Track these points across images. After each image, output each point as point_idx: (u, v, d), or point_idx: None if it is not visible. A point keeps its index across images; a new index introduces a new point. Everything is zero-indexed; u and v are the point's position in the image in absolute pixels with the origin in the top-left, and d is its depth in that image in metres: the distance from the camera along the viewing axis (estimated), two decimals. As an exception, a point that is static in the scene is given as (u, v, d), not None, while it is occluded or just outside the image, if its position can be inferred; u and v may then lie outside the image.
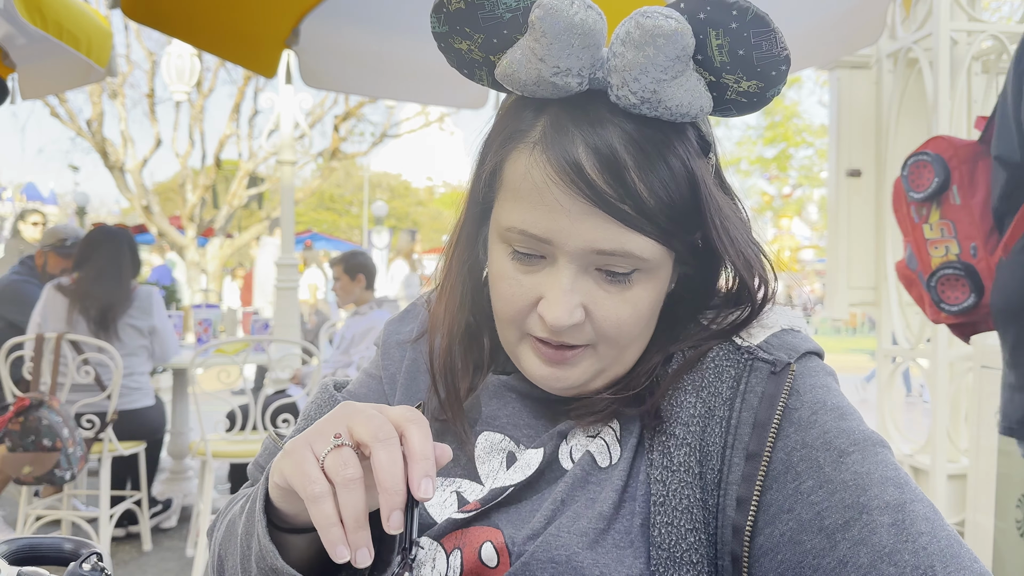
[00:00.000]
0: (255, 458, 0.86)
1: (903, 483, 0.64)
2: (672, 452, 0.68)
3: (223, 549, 0.74)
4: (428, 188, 41.19)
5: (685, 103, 0.64)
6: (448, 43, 0.69)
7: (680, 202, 0.67)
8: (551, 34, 0.62)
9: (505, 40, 0.67)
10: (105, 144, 13.73)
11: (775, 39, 0.62)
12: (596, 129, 0.65)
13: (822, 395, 0.69)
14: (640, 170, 0.65)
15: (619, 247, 0.66)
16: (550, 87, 0.65)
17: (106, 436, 3.38)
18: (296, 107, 4.94)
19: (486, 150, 0.73)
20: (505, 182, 0.70)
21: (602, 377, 0.73)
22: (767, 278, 0.73)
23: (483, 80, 0.71)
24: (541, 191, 0.66)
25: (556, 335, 0.70)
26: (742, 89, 0.66)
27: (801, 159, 21.22)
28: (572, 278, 0.68)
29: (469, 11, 0.65)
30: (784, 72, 0.64)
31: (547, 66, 0.64)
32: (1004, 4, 9.54)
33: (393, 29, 3.93)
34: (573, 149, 0.65)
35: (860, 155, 3.47)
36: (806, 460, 0.65)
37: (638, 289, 0.69)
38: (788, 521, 0.64)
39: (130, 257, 3.68)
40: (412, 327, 0.87)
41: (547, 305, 0.68)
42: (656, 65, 0.62)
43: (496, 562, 0.69)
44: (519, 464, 0.73)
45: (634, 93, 0.63)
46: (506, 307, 0.71)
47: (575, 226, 0.66)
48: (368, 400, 0.84)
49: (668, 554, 0.66)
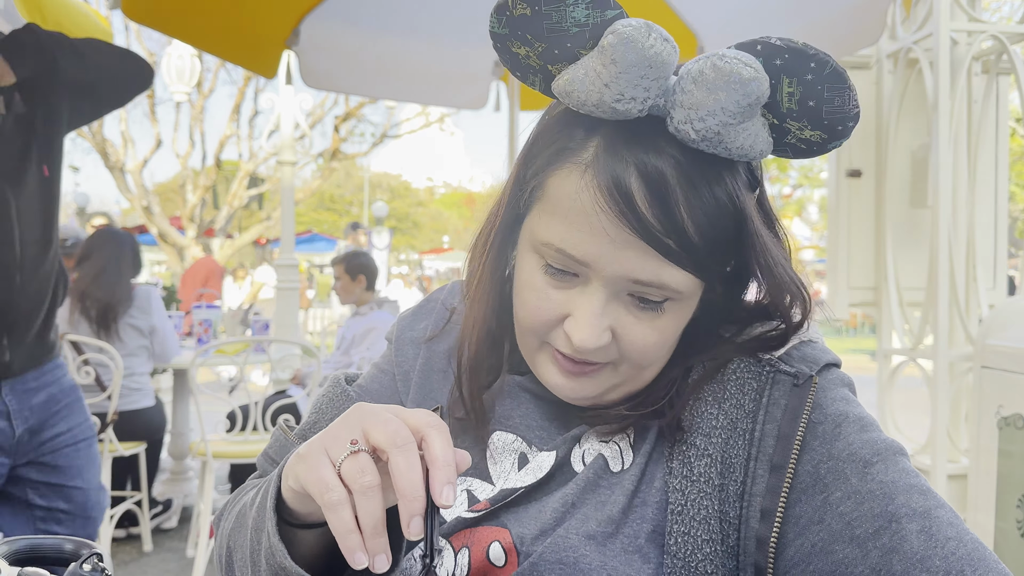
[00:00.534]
0: (265, 448, 0.86)
1: (926, 490, 0.65)
2: (693, 462, 0.69)
3: (232, 540, 0.74)
4: (428, 188, 41.21)
5: (747, 146, 0.63)
6: (505, 45, 0.66)
7: (723, 236, 0.66)
8: (622, 64, 0.60)
9: (566, 53, 0.65)
10: (105, 144, 13.74)
11: (848, 96, 0.61)
12: (650, 157, 0.63)
13: (843, 407, 0.70)
14: (688, 203, 0.63)
15: (655, 279, 0.66)
16: (610, 111, 0.63)
17: (106, 436, 3.38)
18: (296, 107, 4.95)
19: (529, 159, 0.71)
20: (548, 196, 0.68)
21: (618, 391, 0.73)
22: (805, 310, 0.72)
23: (535, 85, 0.69)
24: (588, 215, 0.65)
25: (580, 354, 0.69)
26: (804, 136, 0.65)
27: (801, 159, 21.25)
28: (604, 302, 0.67)
29: (535, 19, 0.63)
30: (851, 128, 0.63)
31: (611, 92, 0.62)
32: (1004, 4, 9.55)
33: (393, 30, 3.94)
34: (626, 176, 0.63)
35: (860, 155, 3.47)
36: (833, 472, 0.66)
37: (667, 317, 0.69)
38: (819, 532, 0.65)
39: (131, 257, 3.69)
40: (426, 324, 0.87)
41: (575, 325, 0.68)
42: (725, 110, 0.61)
43: (504, 561, 0.69)
44: (531, 466, 0.74)
45: (696, 132, 0.62)
46: (531, 318, 0.71)
47: (616, 254, 0.65)
48: (380, 395, 0.84)
49: (683, 563, 0.66)
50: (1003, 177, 3.25)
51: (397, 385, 0.85)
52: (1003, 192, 3.25)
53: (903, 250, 3.34)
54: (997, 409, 2.39)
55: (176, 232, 14.56)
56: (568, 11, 0.61)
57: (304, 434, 0.82)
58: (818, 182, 20.87)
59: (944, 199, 2.89)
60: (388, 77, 4.44)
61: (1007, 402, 2.35)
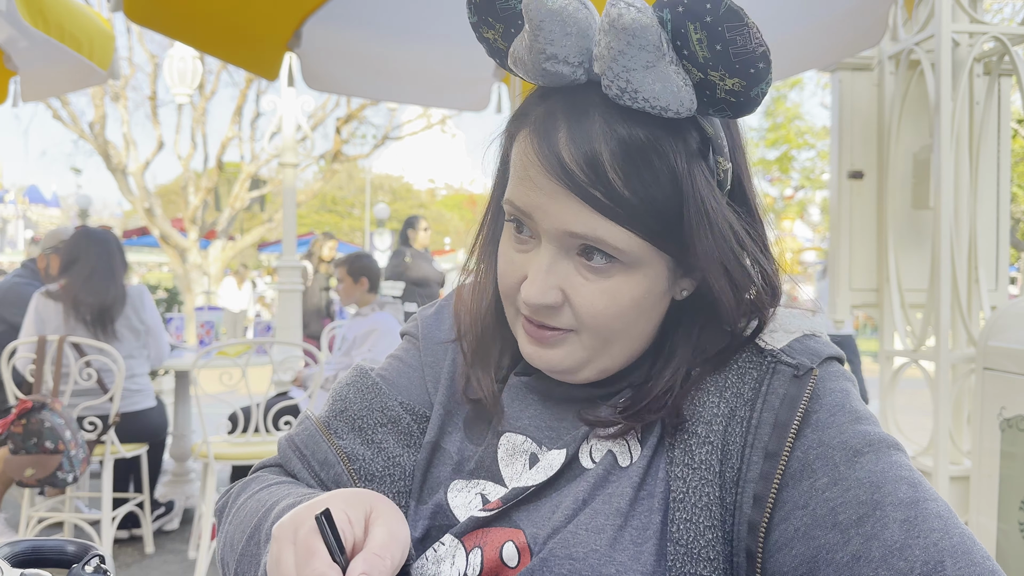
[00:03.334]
0: (289, 433, 0.84)
1: (917, 483, 0.65)
2: (694, 450, 0.69)
3: (226, 555, 0.75)
4: (430, 190, 41.23)
5: (662, 95, 0.64)
6: (480, 33, 0.73)
7: (662, 199, 0.66)
8: (535, 21, 0.64)
9: (522, 29, 0.69)
10: (107, 147, 13.76)
11: (749, 34, 0.61)
12: (581, 119, 0.66)
13: (841, 399, 0.70)
14: (615, 160, 0.65)
15: (591, 232, 0.67)
16: (545, 74, 0.68)
17: (108, 438, 3.38)
18: (298, 109, 4.95)
19: (503, 133, 0.76)
20: (511, 161, 0.73)
21: (590, 368, 0.74)
22: (743, 293, 0.71)
23: (508, 68, 0.74)
24: (527, 169, 0.69)
25: (535, 313, 0.71)
26: (728, 87, 0.65)
27: (803, 161, 21.21)
28: (551, 259, 0.70)
29: (489, 2, 0.70)
30: (763, 70, 0.62)
31: (535, 54, 0.66)
32: (1006, 5, 9.55)
33: (395, 32, 3.94)
34: (556, 135, 0.67)
35: (862, 157, 3.47)
36: (822, 458, 0.67)
37: (617, 280, 0.69)
38: (803, 517, 0.65)
39: (119, 256, 3.67)
40: (450, 324, 0.87)
41: (526, 283, 0.71)
42: (624, 53, 0.63)
43: (517, 561, 0.70)
44: (541, 465, 0.74)
45: (614, 84, 0.64)
46: (502, 283, 0.75)
47: (550, 206, 0.68)
48: (408, 389, 0.84)
49: (686, 550, 0.67)
50: (1005, 178, 3.25)
51: (426, 384, 0.85)
52: (1005, 193, 3.25)
53: (905, 251, 3.34)
54: (999, 411, 2.38)
55: (178, 234, 14.58)
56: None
57: (329, 422, 0.81)
58: (820, 184, 20.84)
59: (946, 200, 2.89)
60: (390, 79, 4.44)
61: (1009, 404, 2.35)
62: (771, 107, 19.25)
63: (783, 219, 20.85)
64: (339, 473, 0.77)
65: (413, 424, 0.81)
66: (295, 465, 0.81)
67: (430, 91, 4.55)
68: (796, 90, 20.74)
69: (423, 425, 0.81)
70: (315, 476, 0.79)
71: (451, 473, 0.78)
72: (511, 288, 0.74)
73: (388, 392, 0.82)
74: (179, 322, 4.83)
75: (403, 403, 0.82)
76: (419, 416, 0.81)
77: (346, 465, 0.77)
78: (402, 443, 0.80)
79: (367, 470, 0.78)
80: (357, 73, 4.42)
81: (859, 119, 3.47)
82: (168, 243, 14.49)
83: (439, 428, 0.80)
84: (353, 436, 0.80)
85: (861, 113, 3.47)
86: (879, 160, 3.44)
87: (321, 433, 0.80)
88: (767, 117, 19.85)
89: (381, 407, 0.81)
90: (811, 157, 20.98)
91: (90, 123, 13.64)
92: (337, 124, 15.04)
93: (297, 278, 4.89)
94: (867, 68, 3.45)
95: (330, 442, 0.79)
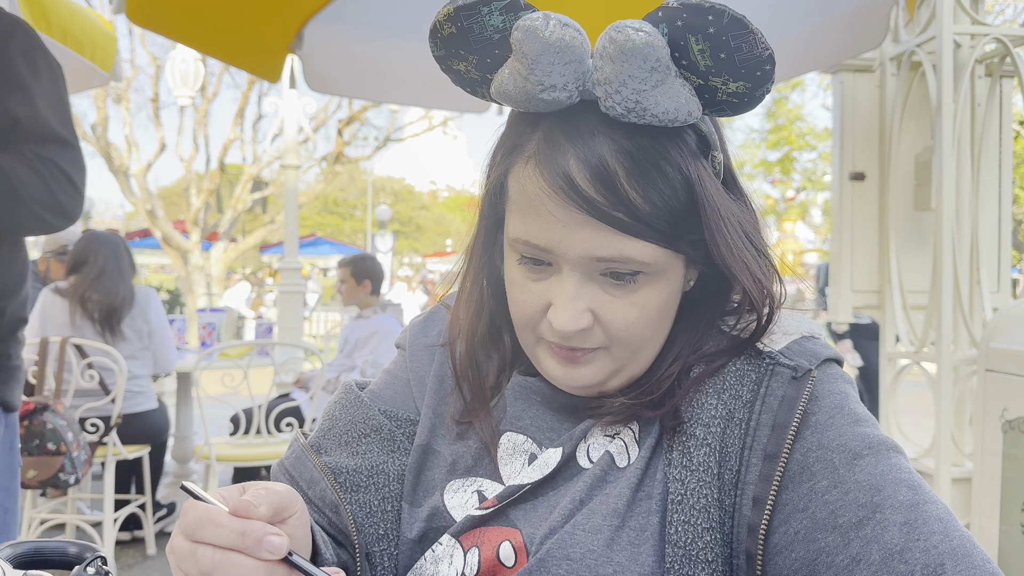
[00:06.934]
0: (281, 460, 0.85)
1: (917, 485, 0.65)
2: (692, 452, 0.69)
3: None
4: (431, 192, 41.25)
5: (672, 109, 0.64)
6: (448, 65, 0.71)
7: (678, 206, 0.67)
8: (531, 55, 0.63)
9: (498, 59, 0.68)
10: (110, 148, 13.78)
11: (755, 40, 0.61)
12: (587, 141, 0.66)
13: (840, 401, 0.70)
14: (631, 178, 0.65)
15: (617, 253, 0.67)
16: (540, 103, 0.66)
17: (110, 440, 3.39)
18: (300, 111, 4.95)
19: (491, 164, 0.75)
20: (510, 195, 0.72)
21: (619, 377, 0.74)
22: (766, 283, 0.72)
23: (485, 96, 0.73)
24: (536, 204, 0.68)
25: (566, 340, 0.71)
26: (731, 90, 0.65)
27: (804, 162, 21.17)
28: (577, 285, 0.69)
29: (461, 35, 0.67)
30: (769, 72, 0.63)
31: (532, 84, 0.65)
32: (1008, 7, 9.54)
33: (396, 33, 3.94)
34: (564, 162, 0.66)
35: (863, 158, 3.47)
36: (821, 461, 0.67)
37: (645, 291, 0.70)
38: (803, 519, 0.65)
39: (128, 258, 3.69)
40: (438, 330, 0.88)
41: (555, 312, 0.70)
42: (634, 77, 0.62)
43: (514, 561, 0.70)
44: (538, 463, 0.74)
45: (619, 104, 0.64)
46: (519, 313, 0.74)
47: (572, 236, 0.67)
48: (394, 401, 0.85)
49: (684, 552, 0.67)
50: (1007, 180, 3.25)
51: (412, 391, 0.85)
52: (1007, 195, 3.25)
53: (907, 253, 3.33)
54: (1001, 412, 2.38)
55: (180, 236, 14.59)
56: (486, 20, 0.65)
57: (317, 442, 0.82)
58: (821, 185, 20.80)
59: (948, 202, 2.88)
60: (391, 81, 4.44)
61: (1011, 405, 2.34)
62: (773, 108, 19.22)
63: (785, 220, 20.80)
64: (324, 489, 0.78)
65: (396, 429, 0.81)
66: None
67: (431, 93, 4.55)
68: (798, 91, 20.71)
69: (408, 430, 0.82)
70: (304, 495, 0.79)
71: (446, 475, 0.78)
72: (532, 318, 0.73)
73: (370, 403, 0.83)
74: (181, 324, 4.83)
75: (384, 411, 0.82)
76: (402, 421, 0.82)
77: (330, 480, 0.78)
78: (386, 449, 0.80)
79: (352, 482, 0.78)
80: (359, 75, 4.43)
81: (861, 121, 3.46)
82: (170, 245, 14.50)
83: (429, 430, 0.81)
84: (340, 451, 0.80)
85: (863, 115, 3.46)
86: (881, 161, 3.44)
87: (307, 453, 0.81)
88: (768, 119, 19.82)
89: (363, 418, 0.82)
90: (813, 159, 20.96)
91: (92, 125, 13.66)
92: (339, 126, 15.05)
93: (299, 279, 4.90)
94: (869, 70, 3.45)
95: (314, 460, 0.80)
